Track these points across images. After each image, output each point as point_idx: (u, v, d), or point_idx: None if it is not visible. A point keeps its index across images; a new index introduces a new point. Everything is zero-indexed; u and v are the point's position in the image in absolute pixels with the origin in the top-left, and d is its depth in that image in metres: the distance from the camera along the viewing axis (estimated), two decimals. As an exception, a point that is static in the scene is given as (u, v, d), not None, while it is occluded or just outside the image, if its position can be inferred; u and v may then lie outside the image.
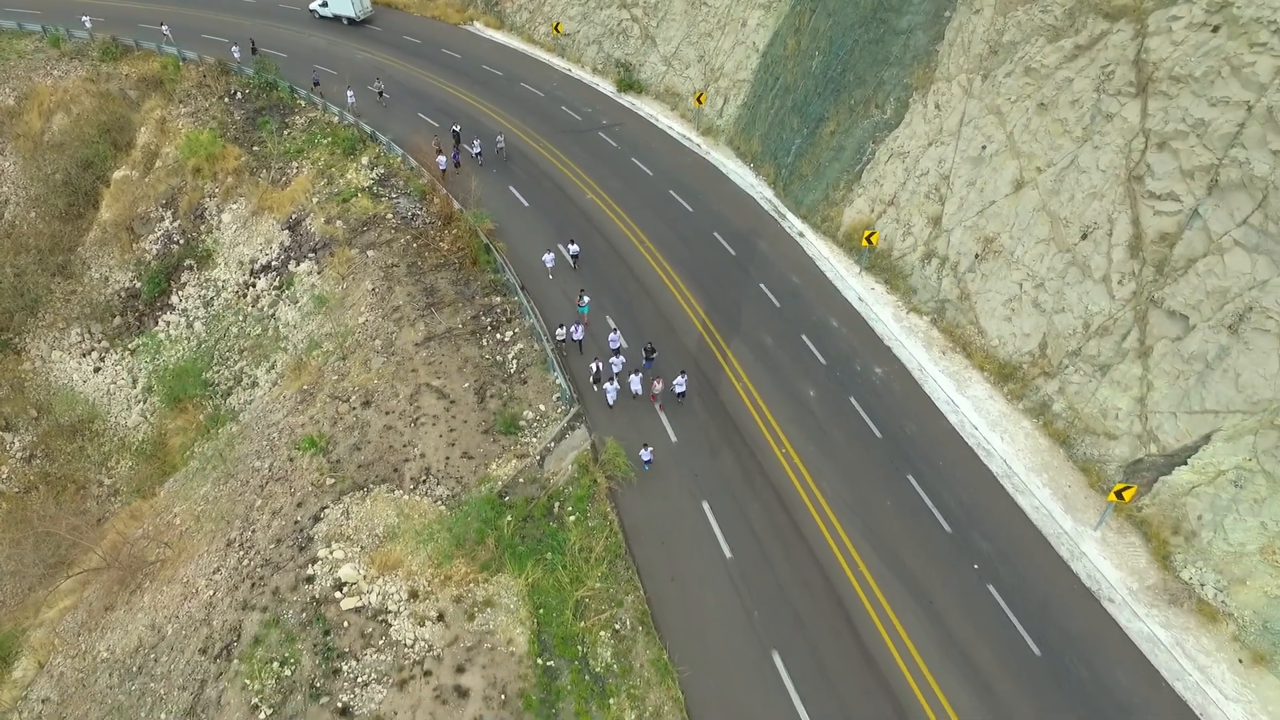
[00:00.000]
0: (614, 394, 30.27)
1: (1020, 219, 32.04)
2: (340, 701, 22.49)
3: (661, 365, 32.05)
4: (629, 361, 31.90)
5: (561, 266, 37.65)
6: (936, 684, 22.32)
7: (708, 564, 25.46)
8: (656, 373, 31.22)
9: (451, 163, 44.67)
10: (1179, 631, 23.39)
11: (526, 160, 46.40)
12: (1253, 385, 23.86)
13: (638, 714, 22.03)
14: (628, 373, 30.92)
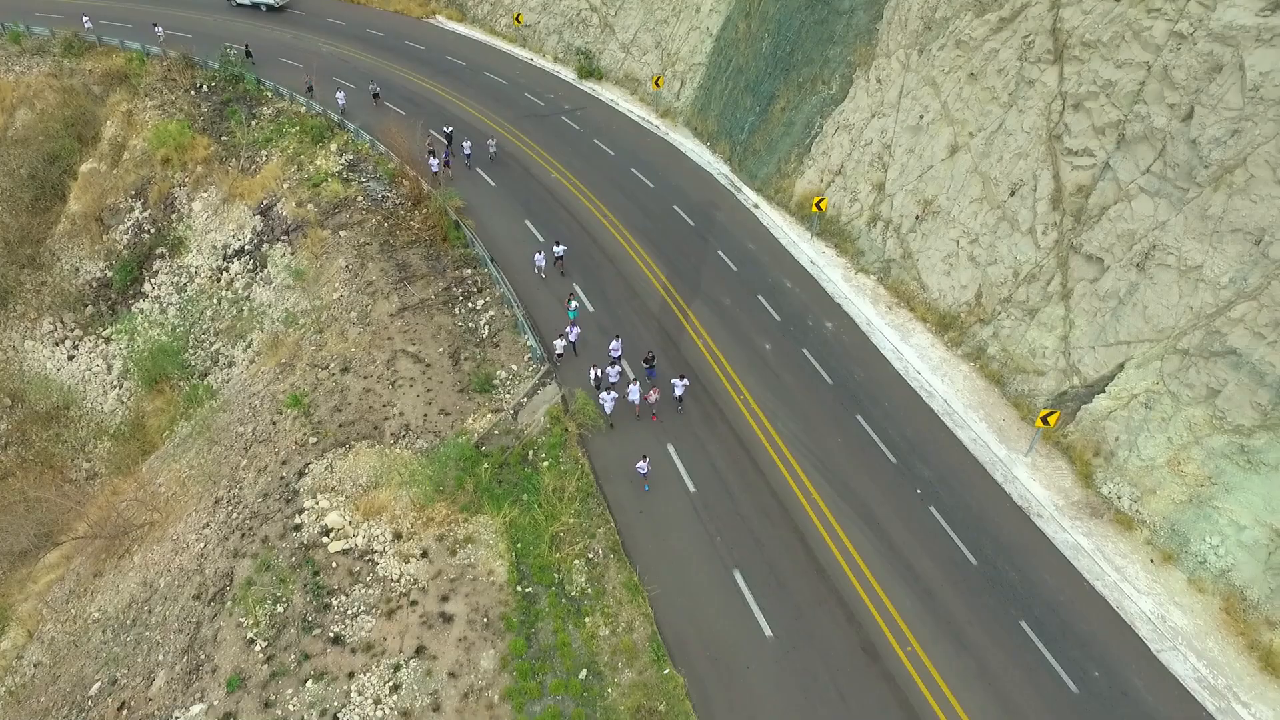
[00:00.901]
0: (611, 404, 29.28)
1: (955, 181, 34.53)
2: (332, 632, 23.98)
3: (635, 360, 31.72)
4: (626, 372, 31.21)
5: (552, 268, 37.35)
6: (883, 591, 24.48)
7: (673, 498, 27.39)
8: (655, 382, 30.54)
9: (442, 163, 44.32)
10: (1099, 539, 25.86)
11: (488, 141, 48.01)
12: (1158, 315, 26.47)
13: (611, 629, 23.87)
14: (625, 383, 30.16)
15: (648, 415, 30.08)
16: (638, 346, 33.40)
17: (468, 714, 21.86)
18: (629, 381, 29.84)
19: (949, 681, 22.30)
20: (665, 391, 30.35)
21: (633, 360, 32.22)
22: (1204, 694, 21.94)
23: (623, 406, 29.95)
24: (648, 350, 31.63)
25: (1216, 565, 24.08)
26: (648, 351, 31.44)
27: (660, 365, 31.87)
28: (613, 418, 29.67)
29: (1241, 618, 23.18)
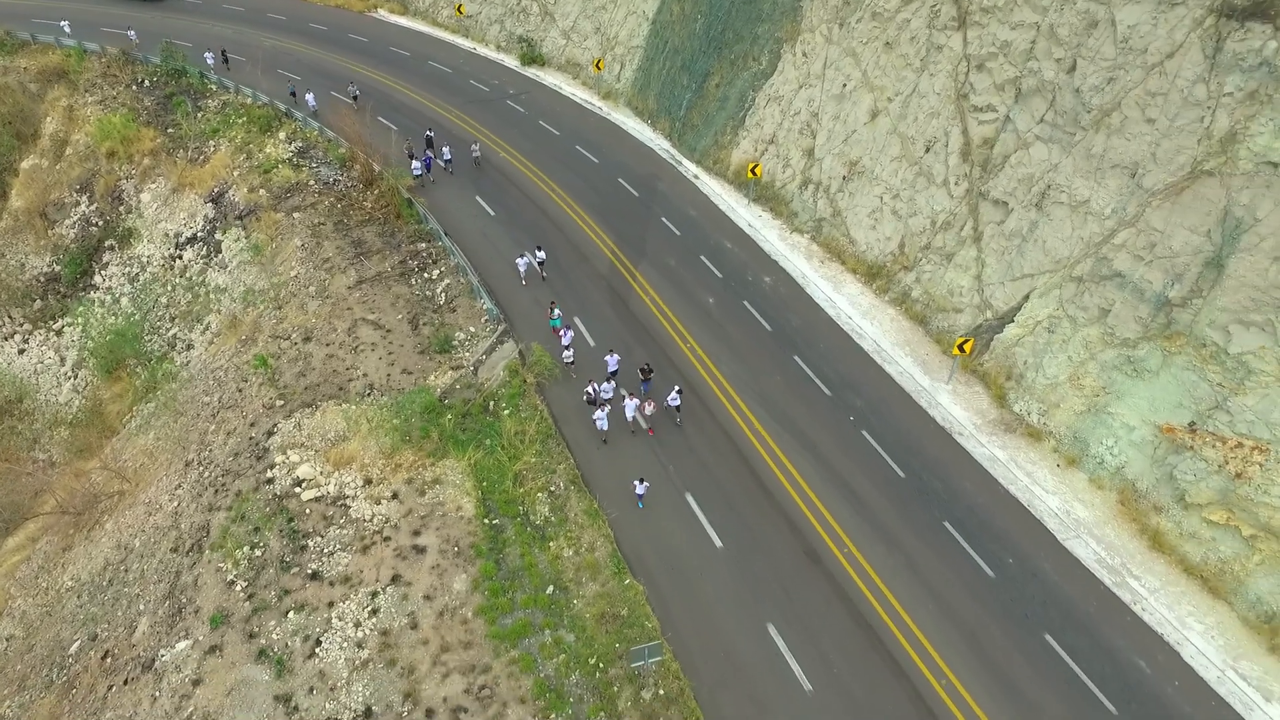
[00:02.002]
0: (604, 421, 28.36)
1: (877, 142, 37.29)
2: (310, 569, 25.37)
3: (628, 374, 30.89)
4: (620, 388, 29.97)
5: (533, 273, 36.79)
6: (822, 505, 26.85)
7: (629, 437, 29.34)
8: (650, 395, 29.84)
9: (423, 167, 43.71)
10: (1012, 450, 28.65)
11: (439, 128, 49.33)
12: (1055, 248, 29.45)
13: (575, 550, 25.73)
14: (620, 398, 29.17)
15: (643, 429, 29.40)
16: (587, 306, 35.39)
17: (444, 629, 23.50)
18: (624, 396, 28.94)
19: (882, 576, 24.73)
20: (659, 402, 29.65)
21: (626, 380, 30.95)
22: (1102, 572, 24.78)
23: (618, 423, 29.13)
24: (644, 362, 30.89)
25: (1112, 464, 27.05)
26: (644, 363, 30.76)
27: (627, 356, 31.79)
28: (606, 434, 28.78)
29: (1133, 507, 26.14)
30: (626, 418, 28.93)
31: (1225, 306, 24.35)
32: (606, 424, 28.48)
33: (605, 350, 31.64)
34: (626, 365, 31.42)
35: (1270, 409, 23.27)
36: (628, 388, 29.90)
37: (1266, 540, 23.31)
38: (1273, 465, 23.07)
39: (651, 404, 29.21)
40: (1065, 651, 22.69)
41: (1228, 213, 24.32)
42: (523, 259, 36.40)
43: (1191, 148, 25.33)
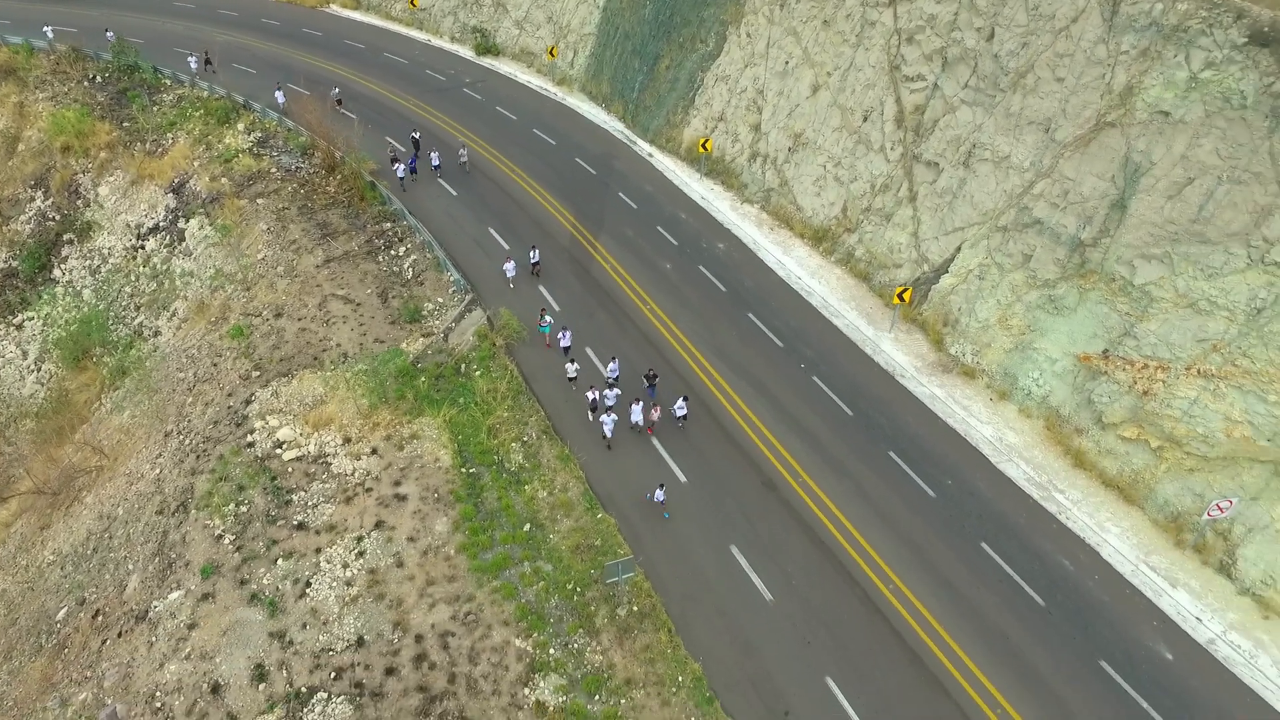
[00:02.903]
0: (611, 426, 28.15)
1: (818, 115, 39.63)
2: (295, 520, 26.56)
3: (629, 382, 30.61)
4: (626, 393, 29.69)
5: (521, 275, 36.39)
6: (777, 441, 28.90)
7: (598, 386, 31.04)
8: (656, 400, 29.50)
9: (409, 170, 43.19)
10: (950, 388, 31.08)
11: (396, 114, 50.49)
12: (982, 202, 32.00)
13: (549, 491, 27.37)
14: (627, 403, 28.98)
15: (641, 428, 29.20)
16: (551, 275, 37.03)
17: (428, 566, 24.94)
18: (631, 402, 28.84)
19: (834, 500, 26.86)
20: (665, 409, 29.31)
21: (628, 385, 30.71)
22: (1031, 488, 27.26)
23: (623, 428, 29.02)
24: (649, 369, 30.68)
25: (1038, 394, 29.62)
26: (649, 369, 30.56)
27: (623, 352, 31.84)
28: (611, 440, 28.59)
29: (1058, 431, 28.72)
30: (631, 421, 28.78)
31: (1129, 243, 27.03)
32: (613, 430, 28.14)
33: (508, 256, 34.10)
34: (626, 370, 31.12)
35: (1169, 331, 25.97)
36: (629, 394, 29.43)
37: (1171, 450, 26.00)
38: (1173, 381, 25.77)
39: (658, 410, 28.83)
40: (999, 556, 25.07)
41: (1128, 159, 27.02)
42: (510, 263, 35.79)
43: (1096, 102, 28.01)
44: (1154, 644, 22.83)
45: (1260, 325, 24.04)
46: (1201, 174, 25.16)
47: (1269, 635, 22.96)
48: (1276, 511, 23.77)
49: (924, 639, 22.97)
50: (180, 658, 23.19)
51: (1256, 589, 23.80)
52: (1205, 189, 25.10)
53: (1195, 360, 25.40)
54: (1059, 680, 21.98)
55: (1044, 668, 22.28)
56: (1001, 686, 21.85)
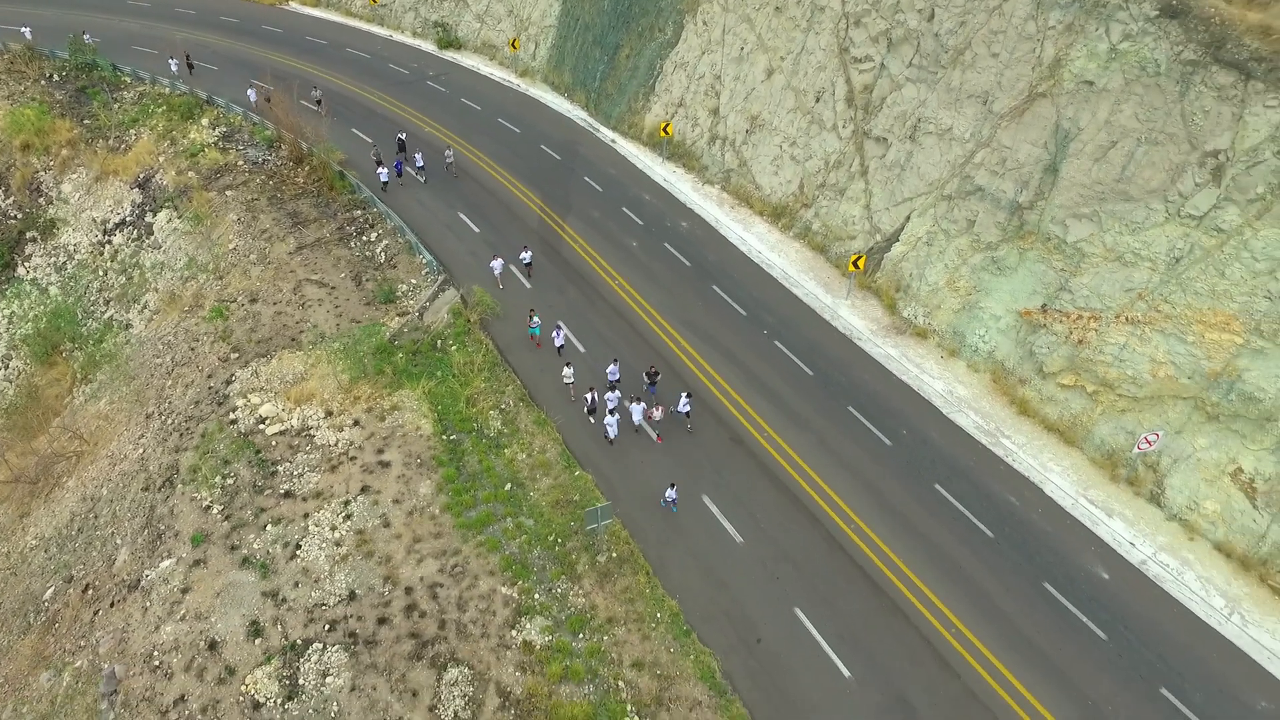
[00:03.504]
0: (615, 427, 28.09)
1: (774, 97, 41.40)
2: (282, 490, 27.42)
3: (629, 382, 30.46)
4: (624, 393, 29.64)
5: (509, 276, 36.46)
6: (743, 400, 30.48)
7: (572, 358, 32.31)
8: (658, 399, 29.49)
9: (394, 173, 42.84)
10: (903, 348, 32.98)
11: (361, 107, 51.21)
12: (928, 172, 33.99)
13: (528, 453, 28.60)
14: (628, 402, 28.95)
15: (650, 434, 29.15)
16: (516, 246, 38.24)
17: (414, 525, 26.01)
18: (632, 400, 28.90)
19: (798, 451, 28.51)
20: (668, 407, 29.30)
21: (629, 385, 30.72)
22: (980, 435, 29.21)
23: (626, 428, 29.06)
24: (650, 365, 30.68)
25: (984, 349, 31.64)
26: (650, 366, 30.45)
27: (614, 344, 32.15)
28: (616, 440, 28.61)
29: (1003, 382, 30.75)
30: (634, 421, 28.86)
31: (1062, 204, 29.14)
32: (617, 430, 28.20)
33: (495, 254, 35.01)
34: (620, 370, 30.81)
35: (1100, 283, 28.12)
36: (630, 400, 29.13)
37: (1104, 393, 28.14)
38: (1104, 329, 27.91)
39: (660, 409, 28.71)
40: (951, 496, 26.93)
41: (1058, 126, 29.14)
42: (497, 261, 35.87)
43: (1028, 75, 30.11)
44: (1092, 566, 24.85)
45: (1179, 273, 26.25)
46: (1123, 137, 27.34)
47: (1193, 554, 25.12)
48: (1198, 443, 25.98)
49: (884, 571, 24.70)
50: (175, 619, 23.97)
51: (1182, 514, 25.98)
52: (1127, 151, 27.28)
53: (1123, 309, 27.56)
54: (1007, 601, 23.86)
55: (993, 591, 24.13)
56: (955, 609, 23.65)
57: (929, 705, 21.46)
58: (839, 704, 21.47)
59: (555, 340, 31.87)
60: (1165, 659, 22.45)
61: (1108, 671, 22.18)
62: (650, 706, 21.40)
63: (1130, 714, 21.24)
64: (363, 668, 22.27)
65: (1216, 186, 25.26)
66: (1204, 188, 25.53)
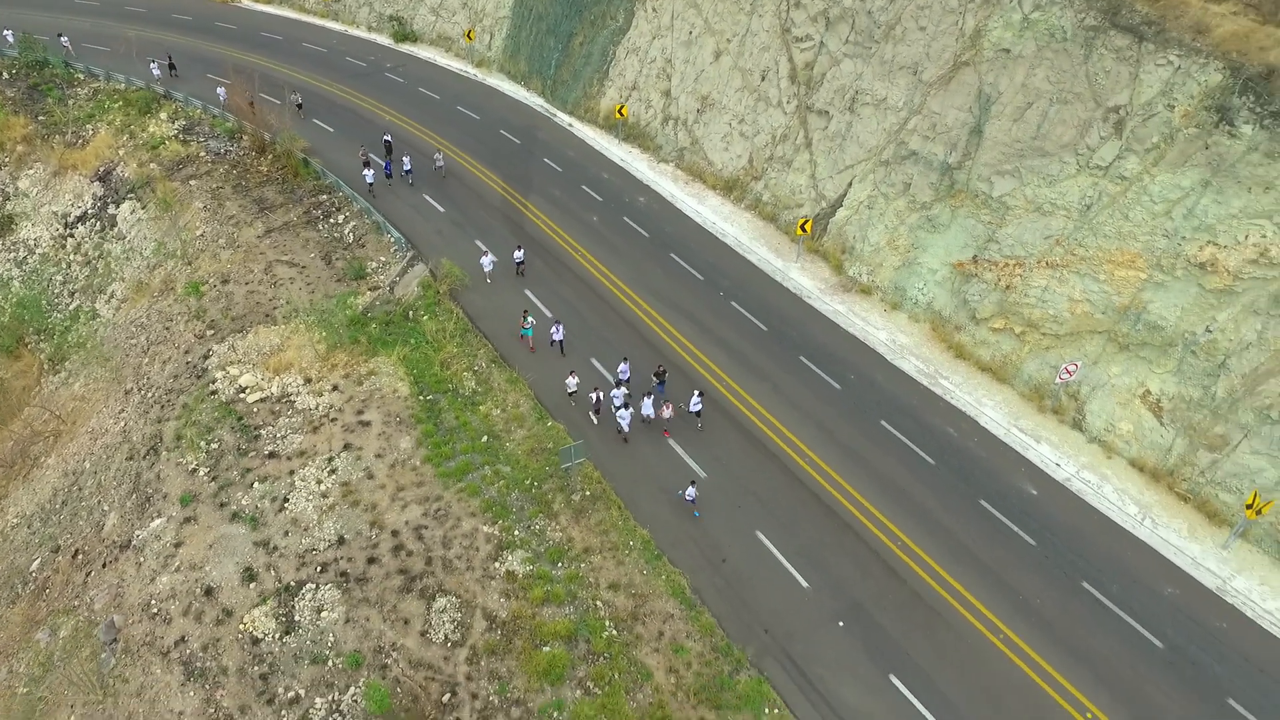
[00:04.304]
0: (628, 420, 28.49)
1: (722, 78, 43.61)
2: (266, 451, 28.61)
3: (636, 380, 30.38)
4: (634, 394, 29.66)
5: (501, 273, 36.54)
6: (701, 354, 32.50)
7: (538, 324, 34.00)
8: (667, 397, 29.65)
9: (383, 175, 42.64)
10: (849, 305, 35.35)
11: (322, 99, 52.11)
12: (866, 141, 36.46)
13: (501, 409, 30.22)
14: (639, 397, 29.12)
15: (659, 430, 29.22)
16: (487, 232, 39.77)
17: (397, 476, 27.46)
18: (643, 396, 28.98)
19: (755, 397, 30.60)
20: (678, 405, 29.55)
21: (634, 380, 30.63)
22: (921, 377, 31.66)
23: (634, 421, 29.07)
24: (658, 365, 30.71)
25: (923, 301, 34.16)
26: (658, 366, 30.52)
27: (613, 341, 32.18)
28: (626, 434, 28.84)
29: (941, 330, 33.28)
30: (643, 414, 28.83)
31: (987, 163, 31.77)
32: (628, 424, 28.53)
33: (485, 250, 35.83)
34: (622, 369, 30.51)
35: (1022, 233, 30.78)
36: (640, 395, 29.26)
37: (1030, 333, 30.80)
38: (1028, 274, 30.56)
39: (669, 407, 28.77)
40: (896, 430, 29.28)
41: (980, 91, 31.77)
42: (487, 256, 36.01)
43: (952, 45, 32.72)
44: (1022, 484, 27.39)
45: (1090, 219, 28.99)
46: (1037, 98, 30.03)
47: (1110, 470, 27.83)
48: (1112, 371, 28.75)
49: (837, 497, 26.90)
50: (170, 571, 25.08)
51: (1101, 436, 28.71)
52: (1041, 110, 29.98)
53: (1043, 255, 30.25)
54: (946, 517, 26.24)
55: (934, 509, 26.50)
56: (901, 526, 25.94)
57: (879, 607, 23.67)
58: (799, 610, 23.55)
59: (555, 335, 31.95)
60: (1086, 559, 25.03)
61: (1036, 571, 24.66)
62: (627, 621, 23.22)
63: (1056, 605, 23.73)
64: (355, 602, 23.69)
65: (1119, 139, 28.05)
66: (1108, 140, 28.31)
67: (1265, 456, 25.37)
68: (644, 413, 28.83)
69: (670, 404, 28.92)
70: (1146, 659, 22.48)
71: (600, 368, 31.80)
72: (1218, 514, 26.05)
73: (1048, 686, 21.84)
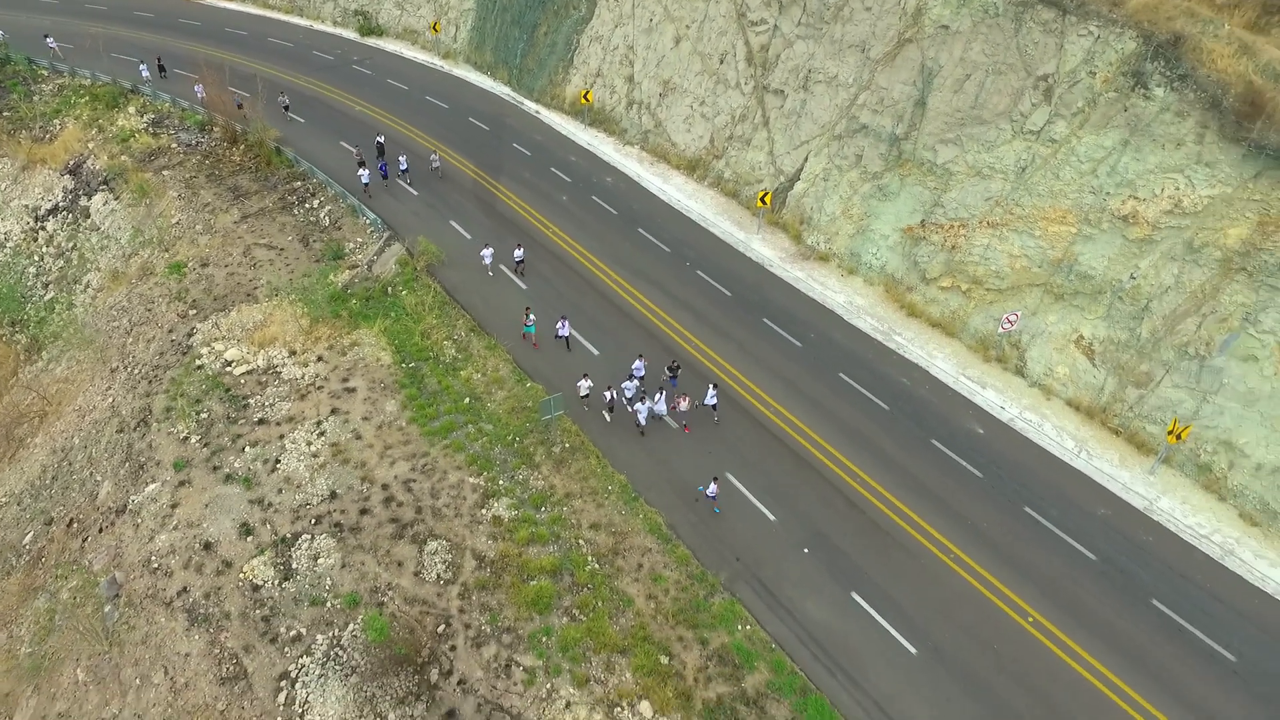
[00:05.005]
0: (645, 414, 28.61)
1: (682, 62, 45.49)
2: (256, 418, 29.74)
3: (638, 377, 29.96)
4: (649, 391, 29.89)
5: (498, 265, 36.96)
6: (670, 317, 34.29)
7: (512, 295, 35.48)
8: (682, 390, 29.77)
9: (379, 175, 42.47)
10: (808, 272, 37.41)
11: (291, 92, 52.85)
12: (820, 117, 38.58)
13: (482, 373, 31.68)
14: (654, 390, 29.58)
15: (678, 423, 29.42)
16: (461, 212, 41.15)
17: (384, 435, 28.79)
18: (658, 390, 29.49)
19: (721, 355, 32.44)
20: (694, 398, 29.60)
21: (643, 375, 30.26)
22: (877, 335, 33.79)
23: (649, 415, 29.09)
24: (672, 359, 30.85)
25: (877, 265, 36.34)
26: (671, 360, 30.64)
27: (533, 268, 33.96)
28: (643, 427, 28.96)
29: (894, 291, 35.47)
30: (657, 410, 29.05)
31: (931, 132, 34.03)
32: (645, 418, 28.66)
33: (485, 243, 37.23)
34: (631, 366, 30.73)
35: (965, 196, 33.07)
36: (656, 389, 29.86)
37: (975, 289, 33.10)
38: (971, 234, 32.86)
39: (686, 399, 28.88)
40: (854, 381, 31.33)
41: (923, 65, 34.02)
42: (487, 249, 36.34)
43: (896, 24, 34.93)
44: (970, 425, 29.61)
45: (1025, 180, 31.35)
46: (974, 70, 32.35)
47: (1049, 410, 30.19)
48: (1049, 319, 31.13)
49: (800, 441, 28.83)
50: (169, 530, 26.15)
51: (1041, 380, 31.06)
52: (978, 82, 32.30)
53: (984, 215, 32.56)
54: (901, 455, 28.32)
55: (890, 449, 28.57)
56: (860, 464, 27.96)
57: (841, 535, 25.62)
58: (767, 540, 25.41)
59: (560, 331, 32.16)
60: (1028, 487, 27.28)
61: (983, 500, 26.84)
62: (608, 556, 24.87)
63: (1001, 528, 25.90)
64: (350, 549, 25.02)
65: (1048, 105, 30.44)
66: (1039, 107, 30.69)
67: (1184, 389, 27.87)
68: (657, 409, 28.90)
69: (687, 396, 29.02)
70: (1082, 570, 24.74)
71: (574, 332, 33.36)
72: (1145, 444, 28.51)
73: (994, 597, 23.97)
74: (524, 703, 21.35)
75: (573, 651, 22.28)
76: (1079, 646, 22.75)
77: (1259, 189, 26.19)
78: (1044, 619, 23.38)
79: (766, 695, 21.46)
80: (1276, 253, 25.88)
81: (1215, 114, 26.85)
